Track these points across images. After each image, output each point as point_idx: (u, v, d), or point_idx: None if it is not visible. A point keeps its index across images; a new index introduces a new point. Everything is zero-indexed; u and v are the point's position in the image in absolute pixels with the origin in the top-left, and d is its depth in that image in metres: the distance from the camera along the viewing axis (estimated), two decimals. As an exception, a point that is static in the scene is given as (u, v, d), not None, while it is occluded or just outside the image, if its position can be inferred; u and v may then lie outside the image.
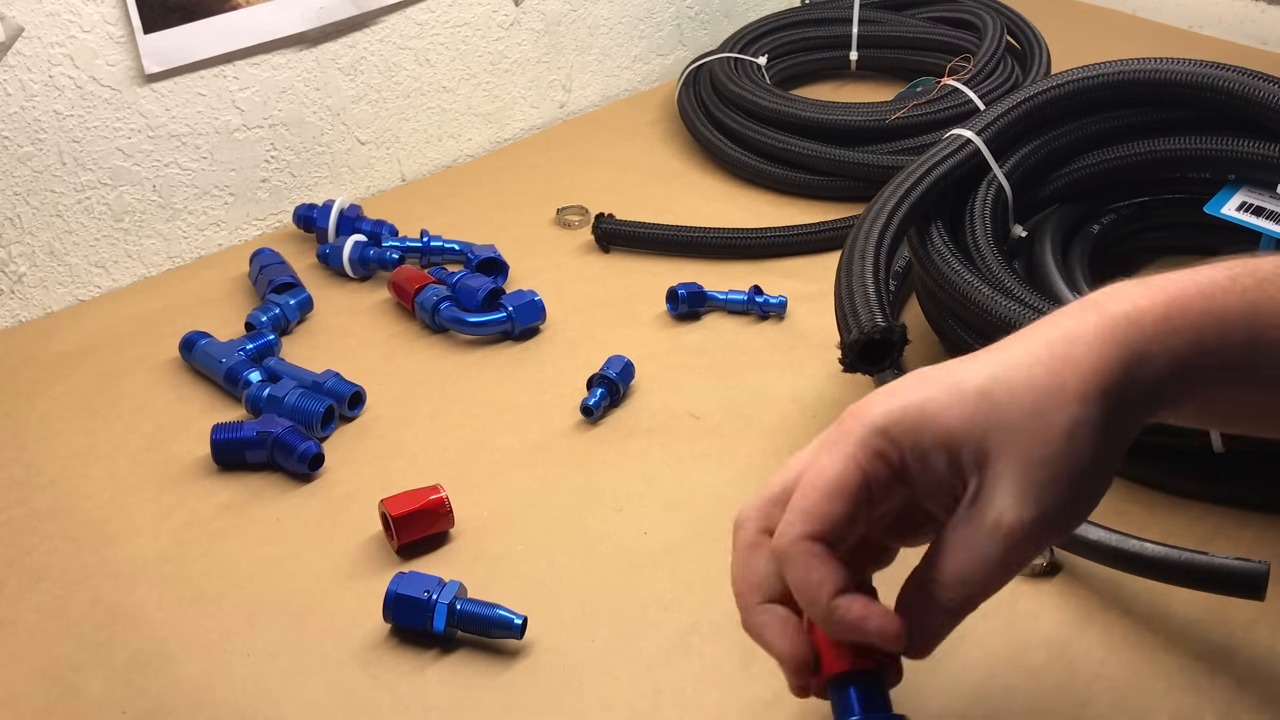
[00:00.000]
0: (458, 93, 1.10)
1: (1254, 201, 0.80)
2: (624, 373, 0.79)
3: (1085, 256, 0.82)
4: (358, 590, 0.66)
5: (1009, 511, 0.43)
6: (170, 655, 0.63)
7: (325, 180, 1.05)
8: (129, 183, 0.93)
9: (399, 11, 1.03)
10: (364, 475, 0.74)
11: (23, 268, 0.91)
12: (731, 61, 1.12)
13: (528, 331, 0.86)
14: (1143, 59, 0.81)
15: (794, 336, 0.85)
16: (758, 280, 0.88)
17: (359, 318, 0.90)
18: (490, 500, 0.72)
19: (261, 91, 0.98)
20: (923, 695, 0.57)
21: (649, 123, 1.17)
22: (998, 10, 1.15)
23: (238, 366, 0.80)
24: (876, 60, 1.20)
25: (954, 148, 0.79)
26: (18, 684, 0.61)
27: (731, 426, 0.76)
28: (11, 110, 0.86)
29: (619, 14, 1.19)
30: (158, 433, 0.79)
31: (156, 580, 0.67)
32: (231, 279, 0.95)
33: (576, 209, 1.01)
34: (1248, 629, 0.60)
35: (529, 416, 0.79)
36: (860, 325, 0.59)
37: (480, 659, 0.62)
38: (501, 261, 0.92)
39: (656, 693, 0.59)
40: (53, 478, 0.75)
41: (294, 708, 0.59)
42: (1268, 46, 1.25)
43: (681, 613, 0.63)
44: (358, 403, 0.79)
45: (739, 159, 1.05)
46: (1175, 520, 0.67)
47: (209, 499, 0.73)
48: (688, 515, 0.70)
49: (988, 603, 0.62)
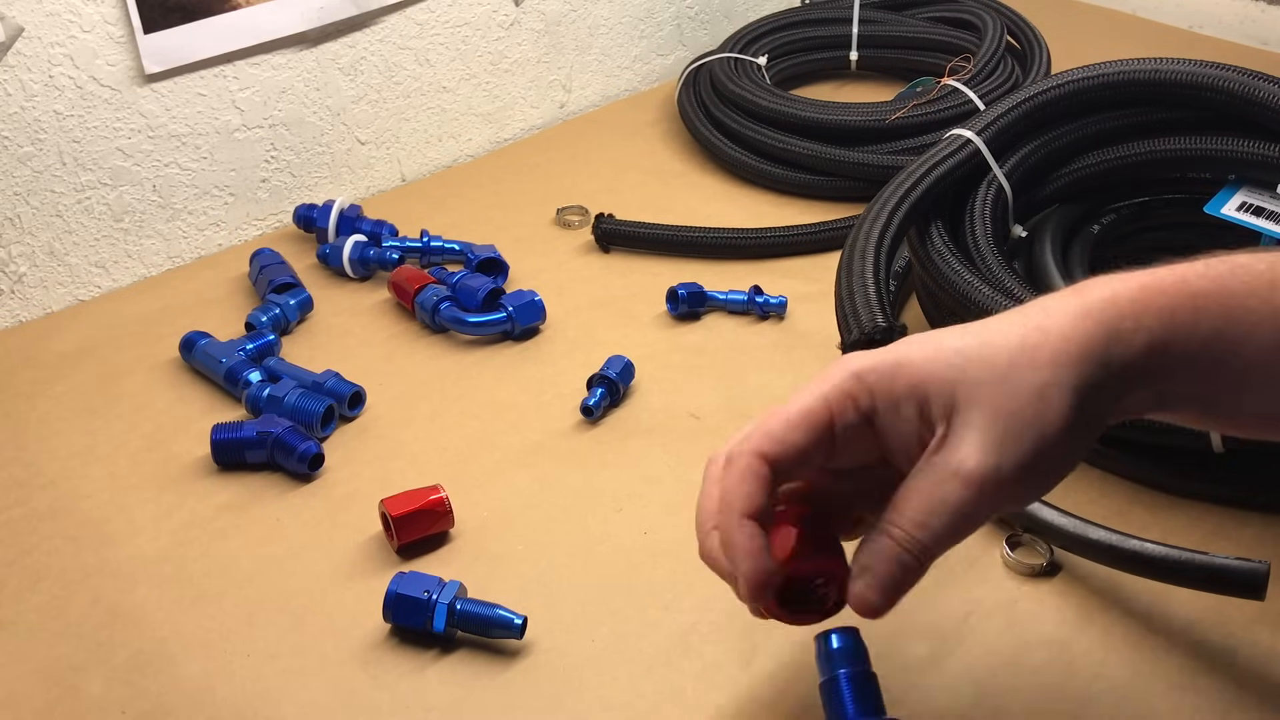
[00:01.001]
0: (458, 93, 1.10)
1: (1254, 201, 0.80)
2: (624, 373, 0.79)
3: (1085, 256, 0.82)
4: (358, 590, 0.66)
5: (971, 458, 0.44)
6: (170, 655, 0.63)
7: (325, 180, 1.05)
8: (129, 183, 0.93)
9: (399, 11, 1.03)
10: (364, 475, 0.74)
11: (23, 268, 0.91)
12: (731, 61, 1.12)
13: (528, 331, 0.86)
14: (1143, 59, 0.81)
15: (794, 336, 0.85)
16: (758, 280, 0.88)
17: (359, 318, 0.90)
18: (490, 500, 0.72)
19: (261, 91, 0.98)
20: (923, 695, 0.58)
21: (649, 123, 1.17)
22: (998, 10, 1.15)
23: (238, 366, 0.80)
24: (876, 60, 1.20)
25: (954, 148, 0.79)
26: (18, 684, 0.61)
27: (731, 426, 0.76)
28: (11, 110, 0.86)
29: (619, 14, 1.19)
30: (158, 433, 0.79)
31: (156, 580, 0.67)
32: (231, 279, 0.95)
33: (576, 209, 1.01)
34: (1248, 629, 0.60)
35: (529, 416, 0.79)
36: (861, 325, 0.59)
37: (480, 659, 0.62)
38: (501, 261, 0.92)
39: (656, 693, 0.59)
40: (53, 478, 0.75)
41: (294, 708, 0.59)
42: (1268, 46, 1.25)
43: (681, 613, 0.63)
44: (358, 403, 0.79)
45: (739, 159, 1.05)
46: (1175, 520, 0.67)
47: (209, 499, 0.73)
48: (688, 515, 0.69)
49: (988, 603, 0.63)
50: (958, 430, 0.44)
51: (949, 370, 0.45)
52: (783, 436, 0.46)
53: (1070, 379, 0.44)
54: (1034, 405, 0.44)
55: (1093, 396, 0.44)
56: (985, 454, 0.44)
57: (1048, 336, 0.44)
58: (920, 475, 0.45)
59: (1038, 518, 0.64)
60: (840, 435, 0.46)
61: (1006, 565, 0.65)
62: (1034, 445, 0.44)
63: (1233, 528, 0.66)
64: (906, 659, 0.60)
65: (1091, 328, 0.44)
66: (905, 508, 0.45)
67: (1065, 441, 0.44)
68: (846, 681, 0.51)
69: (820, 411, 0.46)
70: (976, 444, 0.44)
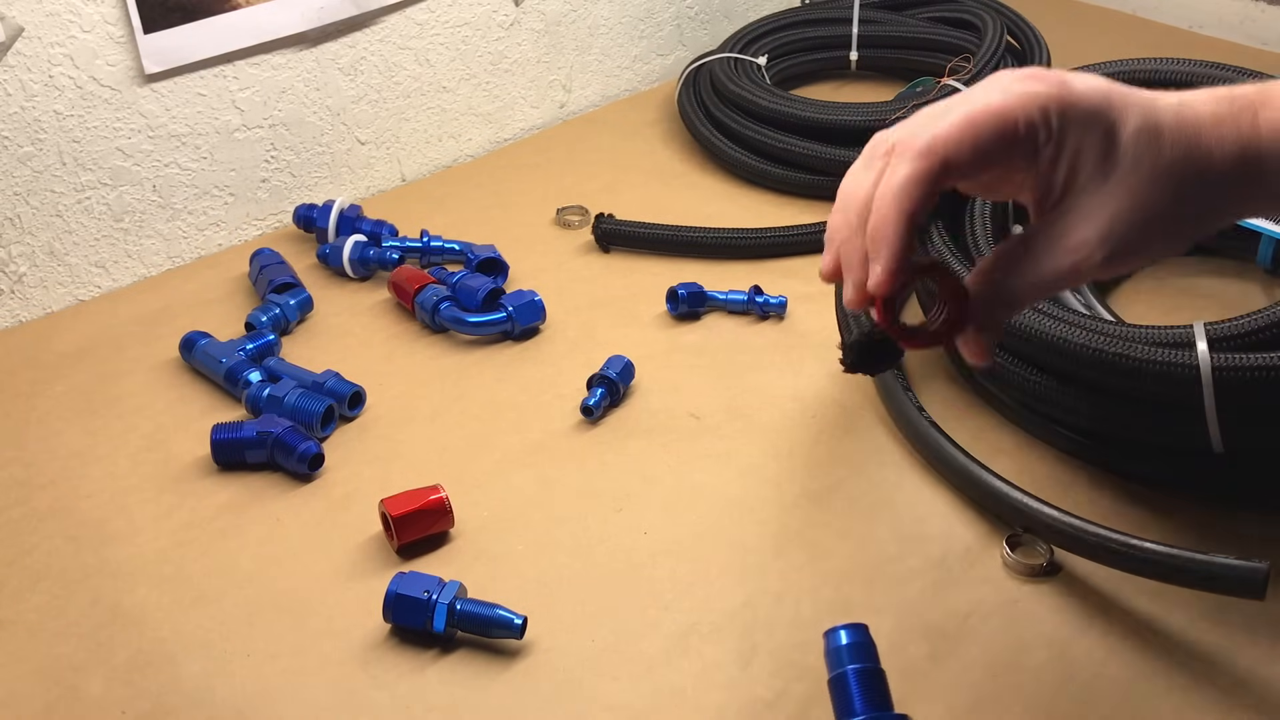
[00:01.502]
0: (458, 93, 1.10)
1: (1254, 201, 0.80)
2: (624, 373, 0.79)
3: (1085, 256, 0.82)
4: (358, 590, 0.66)
5: (1091, 239, 0.47)
6: (170, 655, 0.63)
7: (325, 180, 1.05)
8: (129, 183, 0.93)
9: (399, 11, 1.03)
10: (364, 475, 0.74)
11: (23, 268, 0.91)
12: (731, 61, 1.12)
13: (528, 331, 0.86)
14: (1143, 59, 0.81)
15: (794, 336, 0.85)
16: (758, 280, 0.88)
17: (359, 318, 0.90)
18: (490, 500, 0.72)
19: (261, 91, 0.98)
20: (924, 695, 0.58)
21: (649, 123, 1.17)
22: (998, 10, 1.15)
23: (238, 366, 0.80)
24: (876, 60, 1.20)
25: (954, 148, 0.79)
26: (18, 684, 0.61)
27: (731, 426, 0.76)
28: (11, 110, 0.86)
29: (619, 14, 1.19)
30: (158, 433, 0.79)
31: (156, 580, 0.67)
32: (231, 279, 0.95)
33: (576, 209, 1.01)
34: (1248, 629, 0.60)
35: (529, 416, 0.79)
36: (861, 326, 0.59)
37: (480, 659, 0.62)
38: (501, 261, 0.92)
39: (656, 693, 0.59)
40: (53, 478, 0.75)
41: (294, 708, 0.59)
42: (1268, 46, 1.25)
43: (681, 613, 0.63)
44: (358, 403, 0.79)
45: (739, 159, 1.05)
46: (1175, 520, 0.67)
47: (209, 499, 0.73)
48: (688, 515, 0.70)
49: (988, 603, 0.63)
50: (1088, 208, 0.47)
51: (1128, 146, 0.46)
52: (971, 142, 0.46)
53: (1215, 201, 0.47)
54: (1173, 209, 0.47)
55: (1223, 217, 0.48)
56: (1109, 239, 0.46)
57: (1203, 149, 0.47)
58: (1037, 236, 0.48)
59: (1038, 518, 0.64)
60: (1022, 145, 0.47)
61: (1006, 565, 0.65)
62: (1141, 236, 0.47)
63: (1233, 528, 0.66)
64: (907, 659, 0.60)
65: (1241, 153, 0.47)
66: (1016, 267, 0.48)
67: (1167, 236, 0.48)
68: (855, 677, 0.51)
69: (1012, 123, 0.47)
70: (1101, 226, 0.47)
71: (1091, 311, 0.76)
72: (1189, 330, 0.66)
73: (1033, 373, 0.70)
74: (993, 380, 0.73)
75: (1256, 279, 0.85)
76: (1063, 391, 0.68)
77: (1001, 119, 0.46)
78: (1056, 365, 0.68)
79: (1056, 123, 0.47)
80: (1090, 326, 0.68)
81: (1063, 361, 0.68)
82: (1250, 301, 0.79)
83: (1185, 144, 0.47)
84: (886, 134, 0.49)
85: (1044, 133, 0.47)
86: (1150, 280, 0.86)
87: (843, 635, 0.52)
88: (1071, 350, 0.67)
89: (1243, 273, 0.86)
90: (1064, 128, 0.47)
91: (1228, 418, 0.63)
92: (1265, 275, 0.85)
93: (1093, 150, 0.47)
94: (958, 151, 0.46)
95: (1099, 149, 0.47)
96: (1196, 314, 0.73)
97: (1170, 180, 0.46)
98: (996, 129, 0.46)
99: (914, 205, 0.47)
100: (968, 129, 0.46)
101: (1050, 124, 0.47)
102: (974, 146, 0.47)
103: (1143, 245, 0.47)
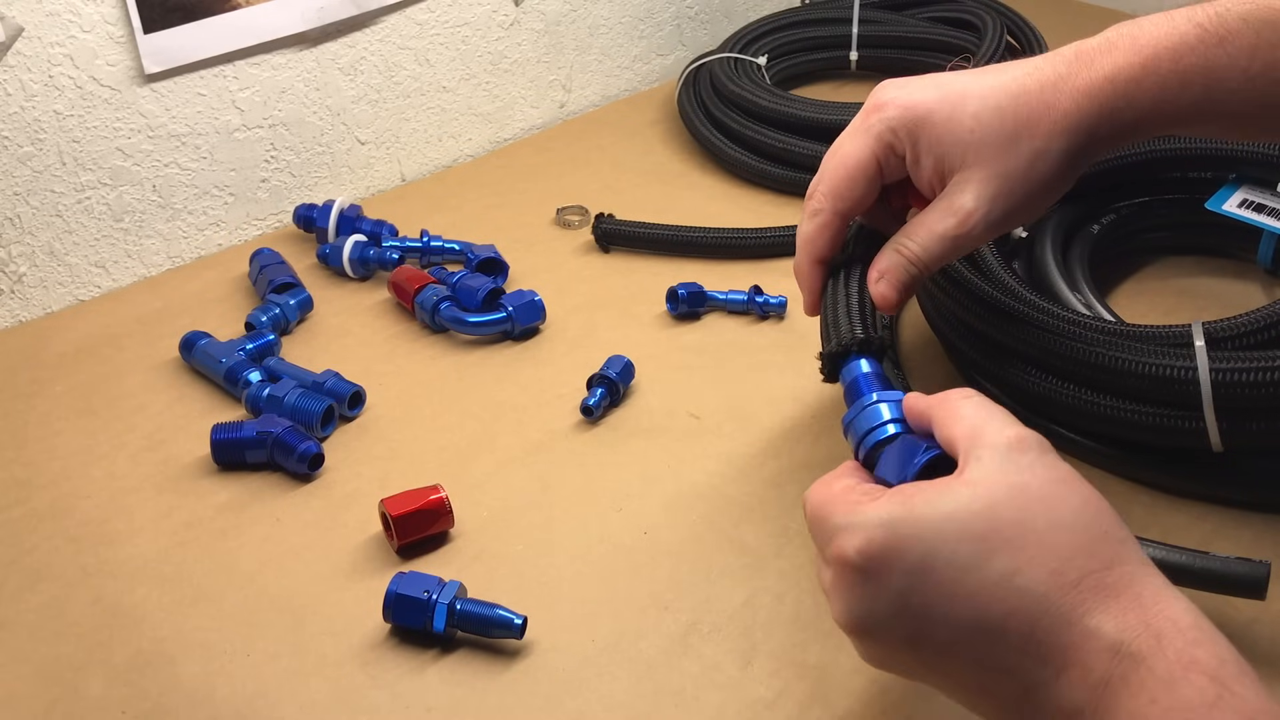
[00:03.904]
0: (458, 93, 1.10)
1: (1255, 199, 0.80)
2: (624, 373, 0.79)
3: (1085, 256, 0.82)
4: (358, 590, 0.66)
5: (969, 203, 0.57)
6: (170, 655, 0.63)
7: (325, 180, 1.05)
8: (129, 183, 0.93)
9: (399, 11, 1.03)
10: (364, 475, 0.74)
11: (23, 268, 0.91)
12: (731, 61, 1.12)
13: (528, 331, 0.86)
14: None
15: (794, 336, 0.85)
16: (758, 280, 0.88)
17: (359, 318, 0.90)
18: (490, 500, 0.72)
19: (261, 91, 0.98)
20: (924, 694, 0.57)
21: (649, 123, 1.17)
22: (998, 10, 1.15)
23: (238, 366, 0.80)
24: (876, 60, 1.20)
25: (954, 147, 0.79)
26: (18, 684, 0.61)
27: (731, 426, 0.76)
28: (11, 110, 0.86)
29: (619, 14, 1.19)
30: (158, 433, 0.79)
31: (156, 580, 0.67)
32: (231, 279, 0.95)
33: (576, 209, 1.01)
34: (1248, 629, 0.60)
35: (529, 416, 0.79)
36: (840, 336, 0.59)
37: (480, 659, 0.62)
38: (501, 261, 0.92)
39: (656, 693, 0.59)
40: (53, 478, 0.75)
41: (294, 708, 0.59)
42: (1268, 46, 1.25)
43: (681, 613, 0.63)
44: (358, 403, 0.79)
45: (739, 159, 1.05)
46: (1175, 520, 0.67)
47: (209, 499, 0.73)
48: (688, 515, 0.70)
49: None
50: (962, 182, 0.57)
51: (966, 138, 0.57)
52: (847, 193, 0.60)
53: (1059, 149, 0.56)
54: (1027, 169, 0.56)
55: (1078, 158, 0.57)
56: (979, 201, 0.57)
57: (1050, 111, 0.56)
58: (929, 211, 0.59)
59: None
60: (885, 172, 0.60)
61: (1006, 565, 0.65)
62: (1022, 197, 0.57)
63: (1233, 528, 0.66)
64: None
65: (1088, 106, 0.56)
66: (914, 232, 0.59)
67: (1049, 192, 0.58)
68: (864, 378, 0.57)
69: (872, 164, 0.60)
70: (975, 194, 0.57)
71: (1092, 311, 0.76)
72: (1188, 330, 0.66)
73: (1032, 373, 0.70)
74: (992, 380, 0.73)
75: (1256, 279, 0.85)
76: (1062, 392, 0.68)
77: (861, 161, 0.60)
78: (1056, 365, 0.68)
79: (907, 140, 0.58)
80: (1090, 326, 0.68)
81: (1062, 362, 0.68)
82: (1250, 301, 0.79)
83: (1026, 113, 0.56)
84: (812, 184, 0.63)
85: (902, 151, 0.59)
86: (1150, 280, 0.86)
87: (864, 363, 0.58)
88: (1071, 350, 0.67)
89: (1243, 273, 0.86)
90: (915, 138, 0.58)
91: (1227, 417, 0.63)
92: (1265, 275, 0.85)
93: (945, 143, 0.57)
94: (844, 201, 0.60)
95: (949, 141, 0.57)
96: (1197, 314, 0.73)
97: (1014, 145, 0.56)
98: (864, 171, 0.60)
99: (818, 252, 0.62)
100: (844, 180, 0.60)
101: (902, 143, 0.59)
102: (851, 193, 0.60)
103: (1015, 202, 0.57)
